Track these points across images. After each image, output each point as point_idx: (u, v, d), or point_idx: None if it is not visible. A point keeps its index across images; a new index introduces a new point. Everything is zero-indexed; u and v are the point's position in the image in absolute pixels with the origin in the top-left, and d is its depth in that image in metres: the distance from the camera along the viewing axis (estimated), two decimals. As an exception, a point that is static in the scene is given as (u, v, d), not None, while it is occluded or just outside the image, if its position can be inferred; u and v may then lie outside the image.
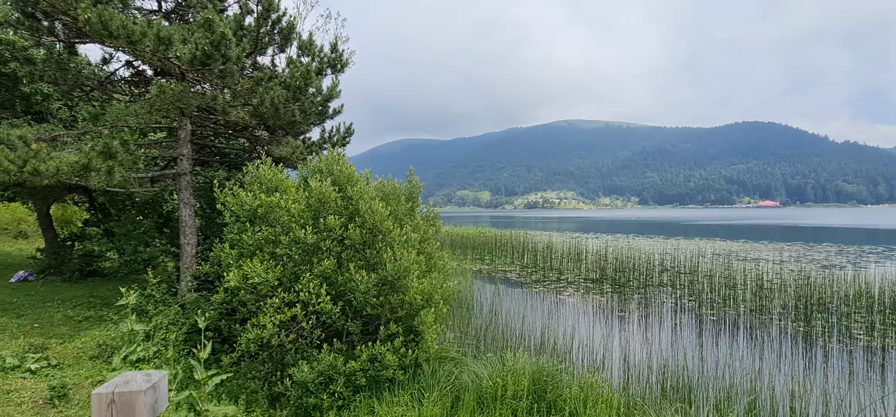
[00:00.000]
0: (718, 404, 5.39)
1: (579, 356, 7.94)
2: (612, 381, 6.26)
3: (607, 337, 9.79)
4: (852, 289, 12.88)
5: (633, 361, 7.47)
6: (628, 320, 12.00)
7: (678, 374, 6.37)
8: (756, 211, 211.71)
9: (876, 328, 10.63)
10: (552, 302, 14.71)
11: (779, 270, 17.72)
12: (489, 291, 16.04)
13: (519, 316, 11.77)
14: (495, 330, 9.47)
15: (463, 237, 33.37)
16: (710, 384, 6.19)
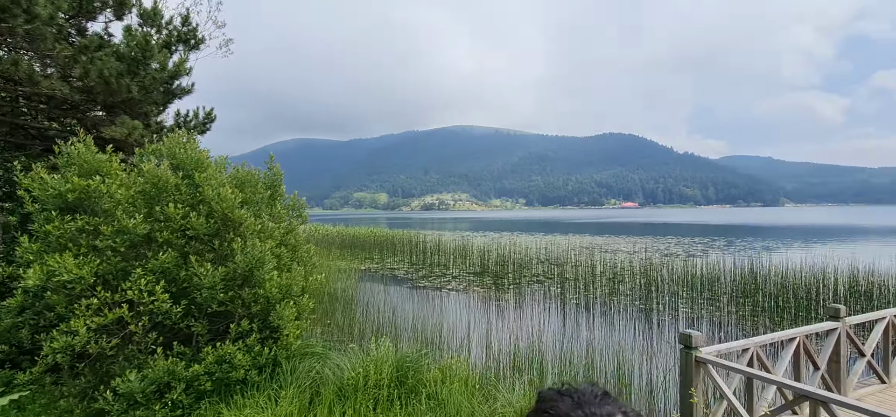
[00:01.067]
0: (562, 371, 5.98)
1: (450, 342, 8.21)
2: (474, 362, 6.59)
3: (479, 323, 10.30)
4: (682, 272, 15.40)
5: (498, 343, 7.96)
6: (502, 308, 12.79)
7: (533, 351, 6.95)
8: (620, 211, 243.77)
9: (696, 301, 12.85)
10: (434, 295, 15.06)
11: (631, 259, 20.46)
12: (373, 288, 15.85)
13: (399, 310, 11.80)
14: (372, 324, 9.35)
15: (354, 237, 32.56)
16: (559, 356, 6.88)
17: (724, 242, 35.44)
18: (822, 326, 4.49)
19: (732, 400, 3.21)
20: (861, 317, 4.94)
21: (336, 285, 13.86)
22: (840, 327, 4.46)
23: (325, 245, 29.26)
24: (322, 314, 10.23)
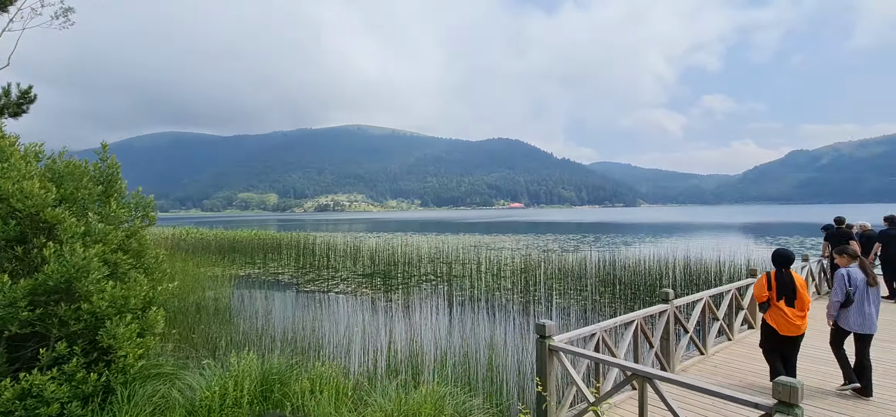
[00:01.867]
0: (437, 369, 6.05)
1: (330, 348, 7.82)
2: (351, 367, 6.34)
3: (367, 326, 10.03)
4: (556, 266, 16.84)
5: (378, 346, 7.81)
6: (388, 308, 12.65)
7: (412, 351, 6.94)
8: (508, 212, 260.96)
9: (565, 292, 14.15)
10: (321, 299, 14.33)
11: (512, 255, 21.80)
12: (252, 295, 14.55)
13: (278, 317, 10.97)
14: (243, 335, 8.50)
15: (234, 240, 29.71)
16: (436, 354, 6.97)
17: (593, 238, 39.95)
18: (655, 308, 5.19)
19: (578, 384, 3.51)
20: (685, 299, 5.83)
21: (205, 294, 12.38)
22: (669, 308, 5.19)
23: (197, 250, 26.19)
24: (184, 328, 9.02)
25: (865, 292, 4.91)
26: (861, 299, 4.90)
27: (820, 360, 5.82)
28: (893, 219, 9.72)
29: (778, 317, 4.81)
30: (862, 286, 4.91)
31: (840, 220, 9.78)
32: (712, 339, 6.18)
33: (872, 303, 4.92)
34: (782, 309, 4.80)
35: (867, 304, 4.90)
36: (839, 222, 9.72)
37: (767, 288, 4.89)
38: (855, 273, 4.95)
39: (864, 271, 4.95)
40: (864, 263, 5.02)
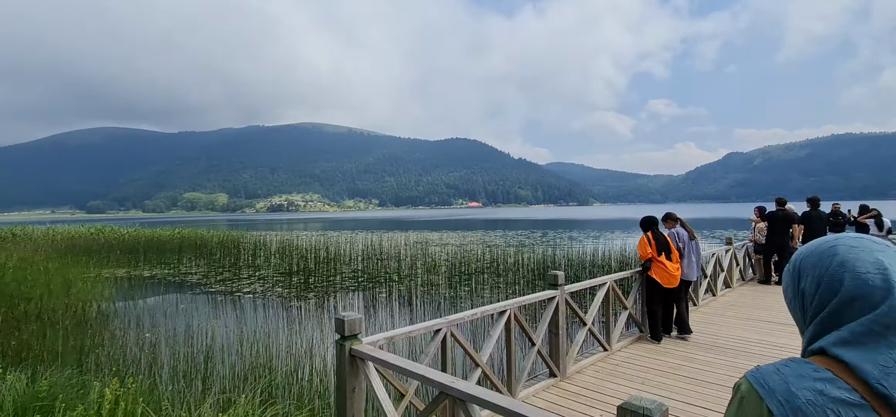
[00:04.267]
0: (272, 379, 4.74)
1: (169, 359, 6.28)
2: (175, 385, 4.91)
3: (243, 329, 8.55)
4: (490, 259, 15.89)
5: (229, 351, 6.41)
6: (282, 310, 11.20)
7: (257, 358, 5.61)
8: (465, 211, 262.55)
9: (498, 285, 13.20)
10: (216, 301, 12.59)
11: (451, 251, 20.75)
12: (137, 299, 12.57)
13: (144, 323, 9.22)
14: (69, 347, 6.76)
15: (150, 239, 26.94)
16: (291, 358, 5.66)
17: (541, 233, 39.81)
18: (539, 295, 4.13)
19: (384, 407, 2.28)
20: (583, 284, 4.82)
21: (60, 301, 10.33)
22: (558, 295, 4.15)
23: (96, 250, 23.34)
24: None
25: (690, 246, 5.82)
26: (689, 252, 5.77)
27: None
28: (815, 200, 9.39)
29: (660, 271, 5.40)
30: (687, 241, 5.81)
31: (782, 202, 9.14)
32: (619, 333, 5.23)
33: (694, 254, 5.84)
34: (663, 263, 5.39)
35: (693, 254, 5.83)
36: (781, 204, 9.09)
37: (649, 246, 5.50)
38: (682, 231, 5.85)
39: (686, 229, 5.89)
40: (685, 224, 5.94)
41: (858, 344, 0.72)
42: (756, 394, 0.75)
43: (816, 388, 0.71)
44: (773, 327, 5.90)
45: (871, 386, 0.69)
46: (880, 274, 0.74)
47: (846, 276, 0.76)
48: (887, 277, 0.74)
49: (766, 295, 7.94)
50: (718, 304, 7.30)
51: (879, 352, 0.70)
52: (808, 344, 0.80)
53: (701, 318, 6.45)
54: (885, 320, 0.71)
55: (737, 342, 5.32)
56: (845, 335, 0.74)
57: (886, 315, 0.72)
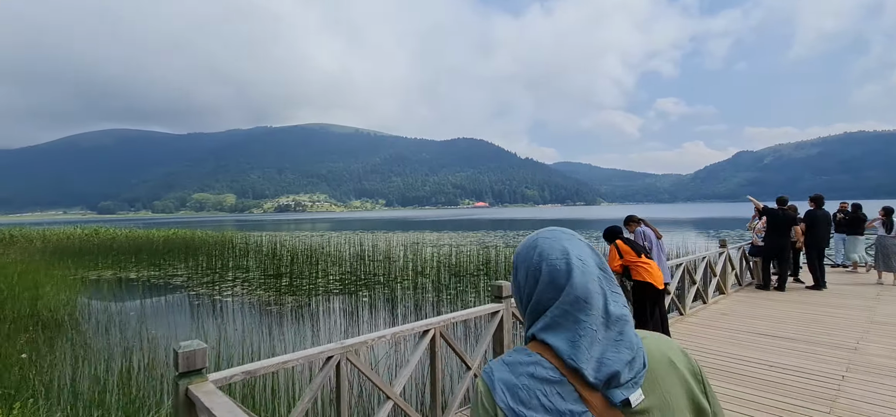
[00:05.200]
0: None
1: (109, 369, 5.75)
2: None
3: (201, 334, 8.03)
4: (484, 260, 15.25)
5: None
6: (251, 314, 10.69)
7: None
8: (471, 211, 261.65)
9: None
10: (196, 303, 12.14)
11: (446, 252, 20.13)
12: (113, 301, 12.14)
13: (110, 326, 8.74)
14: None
15: (145, 240, 26.75)
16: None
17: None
18: (480, 310, 3.51)
19: None
20: None
21: (32, 304, 9.89)
22: (503, 309, 3.53)
23: (86, 252, 23.08)
24: None
25: (658, 245, 5.32)
26: (657, 252, 5.24)
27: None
28: (819, 199, 8.65)
29: (647, 272, 4.81)
30: (654, 240, 5.30)
31: (783, 201, 8.39)
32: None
33: (663, 254, 5.39)
34: (647, 263, 4.85)
35: (661, 254, 5.33)
36: (782, 203, 8.35)
37: (619, 256, 4.95)
38: (647, 230, 5.35)
39: (651, 229, 5.42)
40: (647, 223, 5.47)
41: (556, 325, 0.78)
42: (487, 388, 0.79)
43: (528, 372, 0.77)
44: (768, 341, 5.22)
45: (564, 362, 0.75)
46: (564, 260, 0.81)
47: (543, 265, 0.83)
48: (568, 261, 0.81)
49: (763, 303, 7.23)
50: (709, 313, 6.60)
51: (569, 330, 0.77)
52: (526, 331, 0.86)
53: (687, 330, 5.78)
54: (568, 299, 0.78)
55: (725, 360, 4.65)
56: (547, 319, 0.80)
57: (569, 294, 0.79)
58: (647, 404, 0.74)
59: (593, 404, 0.73)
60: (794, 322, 6.04)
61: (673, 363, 0.78)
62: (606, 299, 0.79)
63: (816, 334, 5.47)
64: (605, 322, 0.78)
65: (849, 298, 7.43)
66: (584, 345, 0.75)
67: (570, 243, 0.85)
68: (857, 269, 10.19)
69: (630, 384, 0.74)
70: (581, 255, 0.83)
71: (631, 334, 0.78)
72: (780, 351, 4.86)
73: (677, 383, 0.77)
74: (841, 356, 4.69)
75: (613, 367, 0.74)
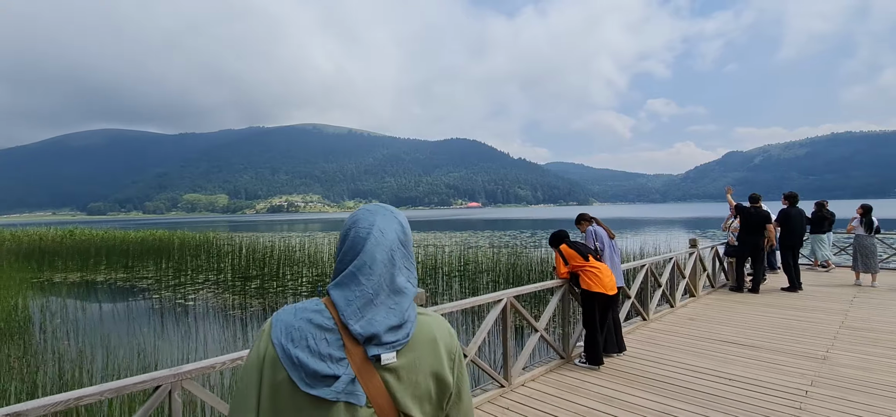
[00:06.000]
0: None
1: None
2: None
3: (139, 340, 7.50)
4: (464, 260, 14.81)
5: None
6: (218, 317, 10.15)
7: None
8: (464, 211, 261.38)
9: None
10: (148, 311, 11.57)
11: (434, 252, 19.65)
12: (62, 307, 11.54)
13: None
14: None
15: (120, 241, 26.01)
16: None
17: (529, 233, 38.69)
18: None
19: None
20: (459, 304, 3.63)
21: None
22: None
23: (56, 253, 22.35)
24: None
25: (611, 246, 4.88)
26: (610, 253, 4.82)
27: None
28: (794, 197, 8.29)
29: (595, 278, 4.32)
30: (607, 240, 4.87)
31: (755, 198, 7.98)
32: (523, 363, 4.15)
33: (616, 255, 4.91)
34: (595, 267, 4.39)
35: (614, 255, 4.87)
36: (754, 201, 7.94)
37: (564, 264, 4.53)
38: (599, 230, 4.91)
39: (604, 228, 4.99)
40: (600, 221, 5.02)
41: (342, 283, 0.87)
42: (269, 325, 0.88)
43: (307, 317, 0.85)
44: (730, 350, 4.80)
45: (339, 314, 0.84)
46: (367, 230, 0.91)
47: (350, 232, 0.92)
48: (370, 232, 0.90)
49: (733, 306, 6.84)
50: (675, 318, 6.18)
51: (350, 289, 0.86)
52: None
53: (647, 337, 5.35)
54: (357, 264, 0.88)
55: (678, 371, 4.22)
56: (339, 277, 0.89)
57: (359, 259, 0.88)
58: (397, 364, 0.83)
59: (353, 355, 0.82)
60: (763, 327, 5.64)
61: (435, 340, 0.88)
62: (394, 271, 0.88)
63: (784, 341, 5.07)
64: (389, 290, 0.87)
65: (823, 301, 7.06)
66: (356, 304, 0.84)
67: (381, 218, 0.94)
68: (831, 268, 9.97)
69: (388, 346, 0.83)
70: (384, 229, 0.92)
71: (405, 306, 0.87)
72: (742, 362, 4.44)
73: (430, 354, 0.86)
74: (807, 367, 4.29)
75: (376, 329, 0.83)
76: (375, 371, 0.82)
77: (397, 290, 0.87)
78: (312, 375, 0.80)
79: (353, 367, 0.81)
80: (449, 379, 0.88)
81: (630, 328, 5.63)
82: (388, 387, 0.82)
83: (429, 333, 0.88)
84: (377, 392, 0.82)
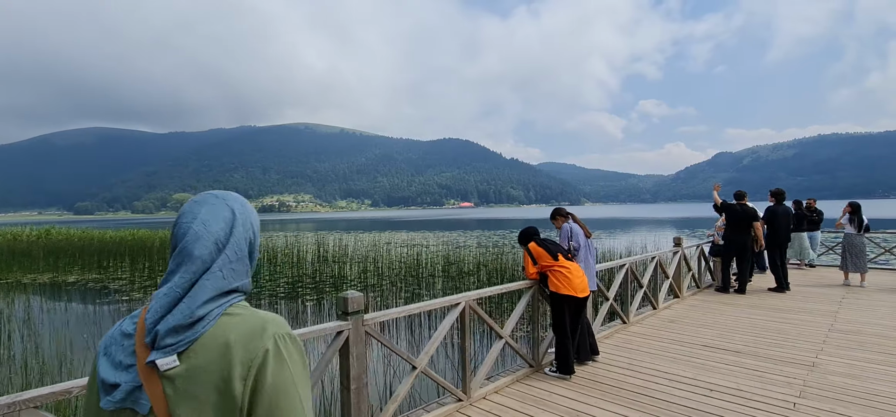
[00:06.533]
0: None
1: None
2: None
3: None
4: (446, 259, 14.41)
5: None
6: None
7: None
8: (457, 211, 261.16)
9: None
10: (118, 310, 11.06)
11: (405, 252, 19.25)
12: (22, 309, 10.97)
13: None
14: None
15: (99, 241, 25.28)
16: None
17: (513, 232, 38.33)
18: (322, 327, 2.63)
19: None
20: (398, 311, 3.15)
21: None
22: (349, 328, 2.68)
23: (29, 254, 21.64)
24: None
25: (588, 245, 4.49)
26: (585, 254, 4.42)
27: (652, 397, 3.56)
28: (780, 194, 8.01)
29: (565, 279, 3.92)
30: (583, 239, 4.47)
31: (740, 195, 7.66)
32: (485, 373, 3.77)
33: (592, 256, 4.50)
34: (565, 267, 3.98)
35: (589, 256, 4.46)
36: (740, 197, 7.62)
37: (532, 265, 4.11)
38: (575, 227, 4.50)
39: (579, 224, 4.58)
40: (576, 218, 4.62)
41: (163, 282, 0.79)
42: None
43: (121, 325, 0.80)
44: (712, 356, 4.45)
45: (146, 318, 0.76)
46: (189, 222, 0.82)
47: (174, 225, 0.85)
48: (191, 224, 0.82)
49: (719, 308, 6.52)
50: (656, 321, 5.83)
51: (163, 288, 0.78)
52: None
53: (625, 341, 4.99)
54: (176, 259, 0.80)
55: (657, 382, 3.85)
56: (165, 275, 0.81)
57: (175, 253, 0.81)
58: (176, 372, 0.73)
59: (141, 360, 0.74)
60: (748, 331, 5.31)
61: (228, 345, 0.75)
62: (213, 267, 0.79)
63: (770, 346, 4.74)
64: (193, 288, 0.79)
65: (811, 302, 6.77)
66: (157, 305, 0.76)
67: (208, 209, 0.84)
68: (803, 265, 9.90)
69: (169, 349, 0.74)
70: (208, 221, 0.82)
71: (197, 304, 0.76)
72: (725, 370, 4.09)
73: (217, 362, 0.74)
74: (795, 375, 3.95)
75: (159, 329, 0.74)
76: (158, 378, 0.73)
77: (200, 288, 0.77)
78: (103, 385, 0.74)
79: (141, 374, 0.73)
80: (236, 395, 0.73)
81: (608, 331, 5.27)
82: (167, 396, 0.72)
83: (223, 337, 0.75)
84: (157, 400, 0.72)
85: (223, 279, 0.79)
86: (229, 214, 0.85)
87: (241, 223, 0.86)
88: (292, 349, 0.78)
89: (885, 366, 4.10)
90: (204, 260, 0.78)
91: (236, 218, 0.85)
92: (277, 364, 0.75)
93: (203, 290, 0.77)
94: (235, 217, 0.85)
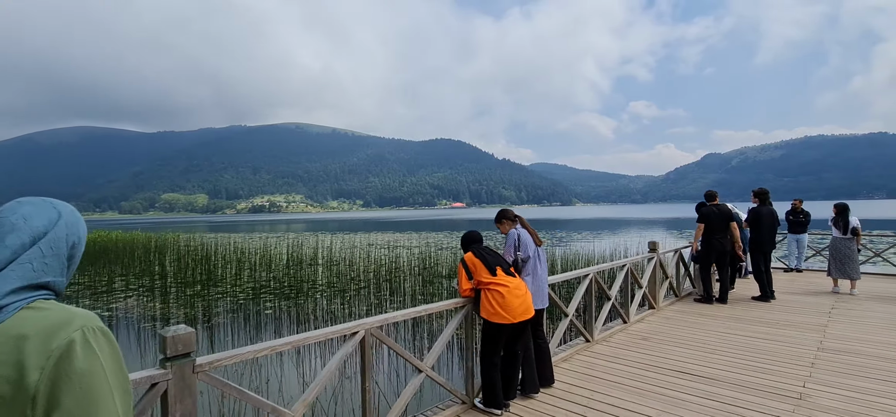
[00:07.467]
0: None
1: None
2: None
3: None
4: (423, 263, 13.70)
5: None
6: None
7: None
8: (449, 211, 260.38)
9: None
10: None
11: (386, 254, 18.49)
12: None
13: None
14: None
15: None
16: None
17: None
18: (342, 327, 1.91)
19: None
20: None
21: None
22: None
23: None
24: None
25: (537, 255, 3.83)
26: (534, 264, 3.77)
27: None
28: (764, 194, 7.41)
29: (498, 300, 3.20)
30: (533, 248, 3.82)
31: (711, 195, 7.08)
32: (404, 403, 3.07)
33: (543, 267, 3.86)
34: (502, 284, 3.26)
35: (540, 267, 3.81)
36: (711, 197, 7.04)
37: (468, 277, 3.41)
38: (524, 234, 3.86)
39: (530, 231, 3.91)
40: (525, 223, 3.96)
41: None
42: None
43: None
44: (689, 386, 3.79)
45: None
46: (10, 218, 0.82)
47: None
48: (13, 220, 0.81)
49: (697, 320, 5.87)
50: (626, 338, 5.17)
51: None
52: None
53: (588, 365, 4.31)
54: None
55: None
56: None
57: None
58: None
59: None
60: (728, 351, 4.66)
61: (23, 337, 0.71)
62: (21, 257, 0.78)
63: (752, 371, 4.08)
64: None
65: (797, 314, 6.15)
66: None
67: (34, 207, 0.84)
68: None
69: None
70: (30, 216, 0.82)
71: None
72: (697, 406, 3.42)
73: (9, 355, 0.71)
74: (779, 412, 3.29)
75: None
76: None
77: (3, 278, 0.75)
78: None
79: None
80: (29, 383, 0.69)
81: (569, 352, 4.60)
82: None
83: (18, 330, 0.72)
84: None
85: (32, 271, 0.77)
86: (55, 215, 0.84)
87: (65, 224, 0.84)
88: (104, 343, 0.75)
89: (884, 398, 3.46)
90: (14, 251, 0.77)
91: (61, 218, 0.84)
92: (86, 354, 0.72)
93: (6, 281, 0.75)
94: (61, 217, 0.84)
